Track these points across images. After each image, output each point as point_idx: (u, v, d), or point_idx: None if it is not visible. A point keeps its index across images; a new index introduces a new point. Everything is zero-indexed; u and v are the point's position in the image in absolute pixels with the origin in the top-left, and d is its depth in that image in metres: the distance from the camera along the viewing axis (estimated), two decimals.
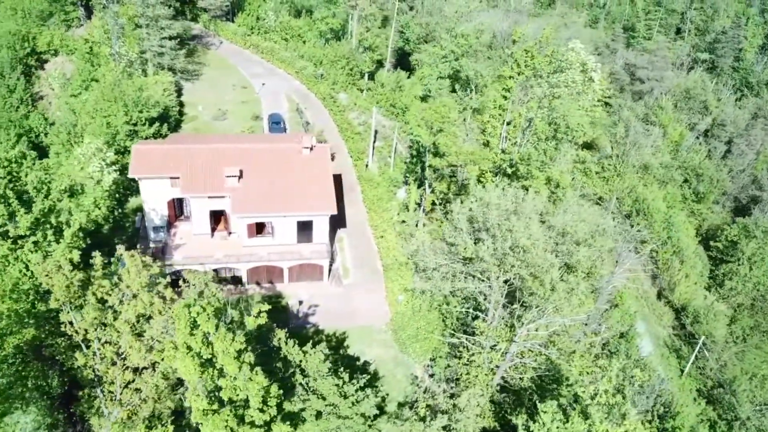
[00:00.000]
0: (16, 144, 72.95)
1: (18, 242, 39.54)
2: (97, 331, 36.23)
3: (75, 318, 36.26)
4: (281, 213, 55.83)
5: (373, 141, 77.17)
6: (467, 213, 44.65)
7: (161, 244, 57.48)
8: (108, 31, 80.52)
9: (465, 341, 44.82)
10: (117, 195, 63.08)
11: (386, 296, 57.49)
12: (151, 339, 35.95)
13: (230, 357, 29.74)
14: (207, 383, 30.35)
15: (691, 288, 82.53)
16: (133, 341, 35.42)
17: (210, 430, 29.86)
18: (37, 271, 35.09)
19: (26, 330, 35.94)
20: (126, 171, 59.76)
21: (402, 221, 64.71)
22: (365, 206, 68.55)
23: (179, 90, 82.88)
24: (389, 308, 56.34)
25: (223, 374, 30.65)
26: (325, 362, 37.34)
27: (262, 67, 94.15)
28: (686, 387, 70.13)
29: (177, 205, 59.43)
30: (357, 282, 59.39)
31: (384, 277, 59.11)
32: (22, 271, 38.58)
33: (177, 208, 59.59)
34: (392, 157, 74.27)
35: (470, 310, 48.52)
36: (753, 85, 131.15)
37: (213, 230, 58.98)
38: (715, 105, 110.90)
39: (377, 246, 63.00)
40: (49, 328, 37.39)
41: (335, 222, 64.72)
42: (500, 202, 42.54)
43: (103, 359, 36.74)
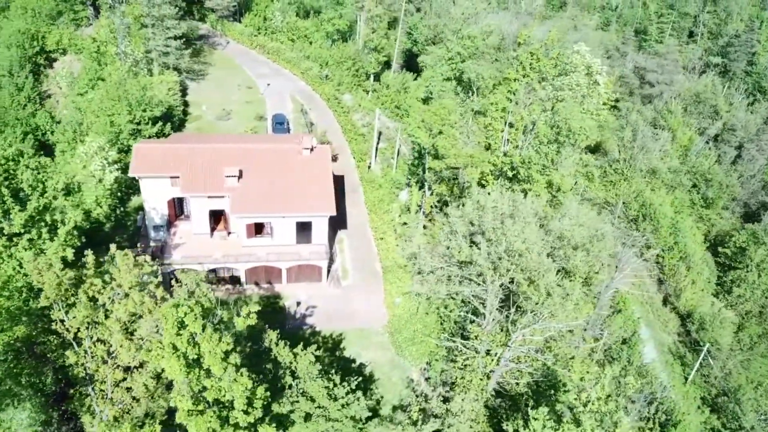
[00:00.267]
0: (22, 142, 73.58)
1: (13, 240, 39.69)
2: (89, 330, 36.26)
3: (67, 316, 36.32)
4: (280, 213, 55.74)
5: (377, 142, 76.98)
6: (463, 216, 44.22)
7: (161, 243, 57.64)
8: (114, 31, 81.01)
9: (460, 345, 44.40)
10: (119, 194, 63.35)
11: (384, 298, 57.20)
12: (141, 338, 35.92)
13: (216, 358, 29.60)
14: (193, 384, 30.23)
15: (698, 294, 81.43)
16: (123, 340, 35.40)
17: (195, 431, 29.75)
18: (28, 269, 35.20)
19: (17, 327, 36.04)
20: (128, 170, 59.97)
21: (403, 223, 64.43)
22: (366, 208, 68.33)
23: (184, 89, 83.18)
24: (387, 311, 56.05)
25: (210, 375, 30.52)
26: (316, 364, 37.10)
27: (268, 68, 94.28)
28: (690, 395, 69.15)
29: (177, 205, 59.54)
30: (356, 284, 59.15)
31: (383, 280, 58.83)
32: (16, 269, 38.73)
33: (177, 208, 59.70)
34: (395, 159, 74.01)
35: (467, 314, 48.09)
36: (766, 90, 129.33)
37: (212, 230, 59.03)
38: (726, 109, 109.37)
39: (377, 248, 62.74)
40: (41, 326, 37.50)
41: (336, 223, 64.59)
42: (496, 206, 42.09)
43: (94, 357, 36.77)
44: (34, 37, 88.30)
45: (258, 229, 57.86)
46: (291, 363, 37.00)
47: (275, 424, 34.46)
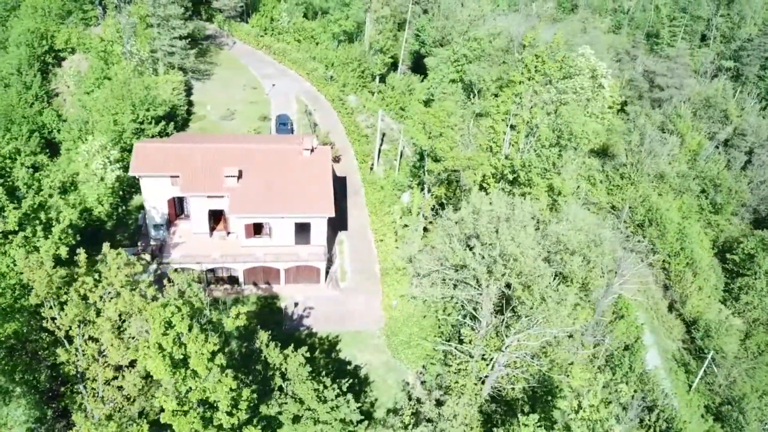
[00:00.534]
0: (28, 139, 74.09)
1: (8, 237, 39.85)
2: (80, 328, 36.31)
3: (59, 314, 36.39)
4: (279, 214, 55.65)
5: (380, 144, 76.75)
6: (458, 219, 43.85)
7: (160, 242, 57.78)
8: (120, 30, 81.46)
9: (454, 349, 44.03)
10: (121, 192, 63.61)
11: (382, 301, 56.92)
12: (131, 337, 35.90)
13: (200, 358, 29.47)
14: (178, 384, 30.13)
15: (704, 301, 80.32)
16: (113, 339, 35.41)
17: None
18: (20, 266, 35.28)
19: (8, 324, 36.13)
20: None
21: (404, 225, 64.10)
22: (368, 209, 68.09)
23: (189, 89, 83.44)
24: (384, 313, 55.76)
25: (196, 376, 30.41)
26: (306, 366, 36.88)
27: (274, 68, 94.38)
28: (694, 403, 68.20)
29: (177, 204, 59.66)
30: (354, 285, 58.91)
31: (381, 282, 58.55)
32: (10, 266, 38.86)
33: (177, 207, 59.82)
34: (398, 161, 73.71)
35: (464, 318, 47.68)
36: None
37: (212, 230, 59.08)
38: (737, 114, 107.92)
39: (377, 250, 62.47)
40: (34, 324, 37.60)
41: (337, 224, 64.42)
42: (491, 209, 41.67)
43: (85, 355, 36.81)
44: (44, 36, 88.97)
45: (257, 230, 57.84)
46: (281, 364, 36.82)
47: (263, 426, 34.29)
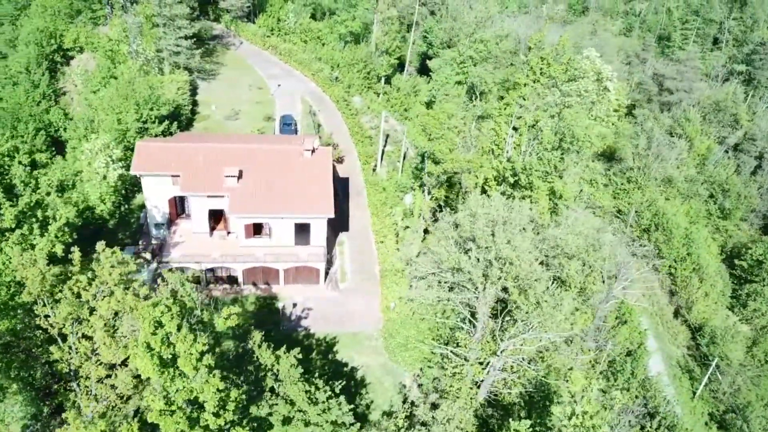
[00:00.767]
0: (34, 138, 74.57)
1: (5, 234, 40.05)
2: (73, 326, 36.38)
3: (52, 312, 36.49)
4: (278, 214, 55.58)
5: (383, 145, 76.52)
6: (455, 222, 43.53)
7: (161, 241, 57.93)
8: (126, 30, 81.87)
9: (450, 353, 43.69)
10: (124, 191, 63.83)
11: (381, 303, 56.68)
12: (123, 336, 35.93)
13: (188, 358, 29.40)
14: (166, 383, 30.07)
15: (710, 307, 79.30)
16: (106, 337, 35.44)
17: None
18: (13, 264, 35.40)
19: (3, 321, 36.26)
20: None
21: (406, 227, 63.85)
22: (370, 210, 67.88)
23: (194, 89, 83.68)
24: (382, 315, 55.51)
25: (184, 376, 30.33)
26: (298, 367, 36.72)
27: (280, 68, 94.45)
28: (698, 410, 67.37)
29: (179, 203, 59.80)
30: (353, 287, 58.72)
31: (380, 284, 58.31)
32: (5, 263, 39.04)
33: (179, 206, 59.96)
34: (401, 162, 73.45)
35: (461, 322, 47.33)
36: None
37: (212, 229, 59.15)
38: (747, 118, 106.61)
39: (377, 251, 62.25)
40: (27, 321, 37.73)
41: (338, 225, 64.30)
42: (488, 212, 41.30)
43: (78, 353, 36.87)
44: (52, 35, 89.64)
45: (257, 230, 57.83)
46: (273, 365, 36.68)
47: (254, 427, 34.18)
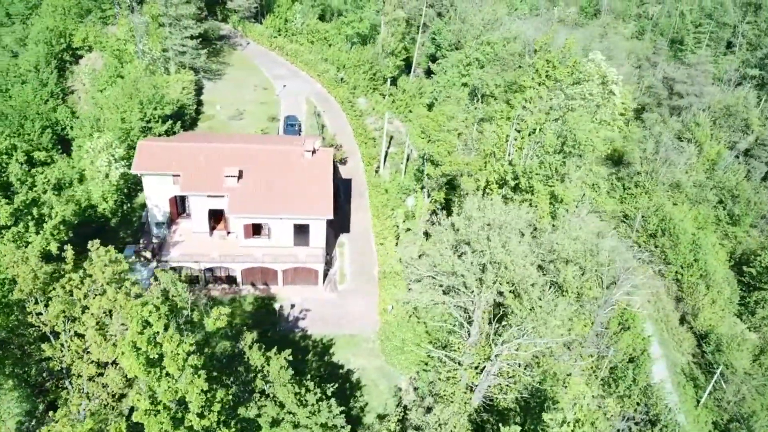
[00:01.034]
0: (41, 136, 75.17)
1: (0, 232, 40.26)
2: (65, 324, 36.48)
3: (45, 310, 36.60)
4: (277, 215, 55.53)
5: (387, 147, 76.30)
6: (451, 225, 43.19)
7: (161, 240, 58.08)
8: (133, 30, 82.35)
9: (444, 357, 43.33)
10: (126, 190, 64.12)
11: (378, 305, 56.41)
12: (113, 335, 35.96)
13: (174, 358, 29.32)
14: (151, 383, 30.03)
15: (717, 314, 78.18)
16: (97, 336, 35.49)
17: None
18: (5, 261, 35.58)
19: None
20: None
21: (407, 229, 63.56)
22: (371, 212, 67.66)
23: (200, 89, 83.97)
24: (380, 317, 55.25)
25: (169, 376, 30.27)
26: (288, 369, 36.55)
27: (286, 69, 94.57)
28: (701, 418, 66.39)
29: (179, 203, 59.94)
30: (352, 288, 58.52)
31: (378, 286, 58.05)
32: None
33: (179, 206, 60.10)
34: (404, 164, 73.17)
35: (456, 326, 46.94)
36: None
37: (212, 229, 59.22)
38: (759, 123, 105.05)
39: (377, 253, 62.00)
40: (20, 318, 37.89)
41: (339, 227, 64.15)
42: (483, 216, 40.91)
43: (70, 351, 36.96)
44: (62, 35, 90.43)
45: (256, 230, 57.82)
46: (263, 366, 36.54)
47: (241, 428, 34.05)
